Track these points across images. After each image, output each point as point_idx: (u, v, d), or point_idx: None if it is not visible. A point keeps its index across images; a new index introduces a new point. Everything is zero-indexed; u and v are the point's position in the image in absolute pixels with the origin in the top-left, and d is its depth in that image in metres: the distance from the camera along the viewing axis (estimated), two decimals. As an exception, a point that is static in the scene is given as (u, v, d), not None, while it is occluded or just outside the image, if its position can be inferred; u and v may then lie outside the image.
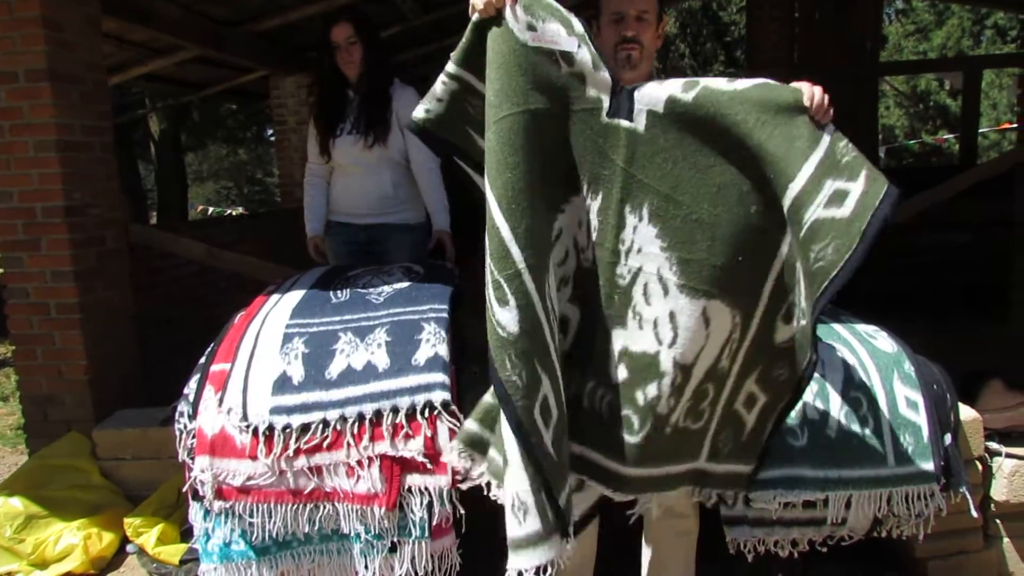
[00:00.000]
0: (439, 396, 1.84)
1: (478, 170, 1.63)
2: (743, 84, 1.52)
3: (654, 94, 1.55)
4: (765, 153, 1.47)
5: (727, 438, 1.72)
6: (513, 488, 1.50)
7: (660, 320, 1.56)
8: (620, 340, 1.60)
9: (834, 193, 1.43)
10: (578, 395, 1.65)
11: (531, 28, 1.56)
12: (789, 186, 1.45)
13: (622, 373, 1.61)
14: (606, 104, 1.57)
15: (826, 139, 1.47)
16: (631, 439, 1.62)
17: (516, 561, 1.48)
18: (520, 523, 1.49)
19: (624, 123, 1.55)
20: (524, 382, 1.46)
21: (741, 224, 1.51)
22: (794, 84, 1.53)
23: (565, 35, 1.57)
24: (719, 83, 1.54)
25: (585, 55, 1.57)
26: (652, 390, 1.58)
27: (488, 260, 1.51)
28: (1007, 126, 12.61)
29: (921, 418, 2.02)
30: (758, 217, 1.51)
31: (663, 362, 1.57)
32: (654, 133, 1.54)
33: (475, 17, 1.60)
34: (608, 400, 1.63)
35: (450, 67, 1.64)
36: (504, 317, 1.47)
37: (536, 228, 1.52)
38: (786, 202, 1.47)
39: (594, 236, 1.61)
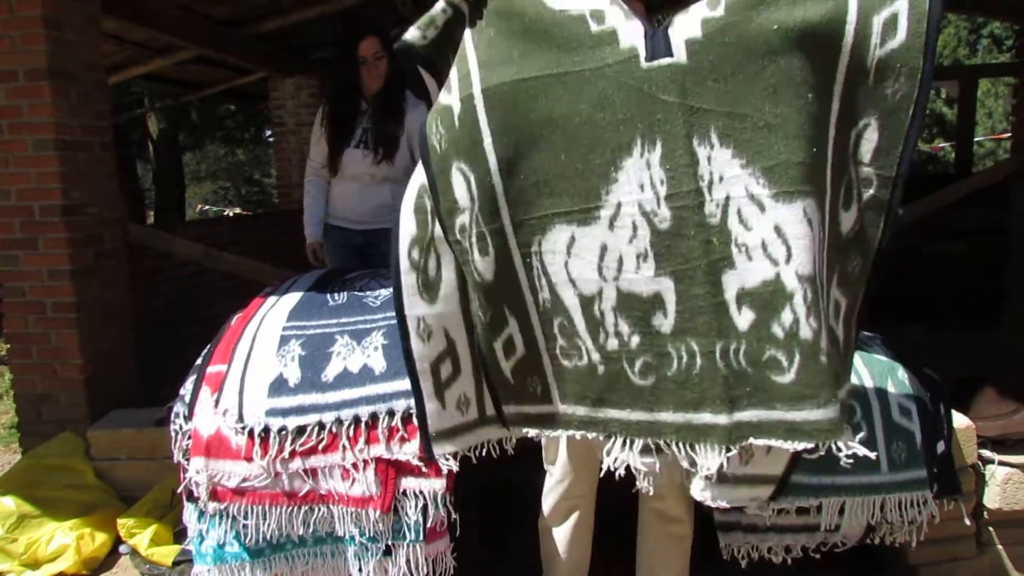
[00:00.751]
0: (435, 399, 1.84)
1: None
2: None
3: (687, 23, 1.50)
4: (807, 27, 1.44)
5: (833, 358, 1.53)
6: (461, 389, 1.74)
7: (768, 240, 1.44)
8: (733, 284, 1.47)
9: (884, 25, 1.44)
10: (706, 364, 1.50)
11: None
12: (841, 44, 1.45)
13: (747, 317, 1.47)
14: (642, 51, 1.50)
15: None
16: (783, 379, 1.46)
17: (448, 446, 1.75)
18: (463, 414, 1.75)
19: (666, 61, 1.48)
20: (486, 320, 1.64)
21: (804, 115, 1.45)
22: None
23: None
24: None
25: (616, 9, 1.52)
26: (787, 316, 1.44)
27: (470, 215, 1.58)
28: (1002, 136, 12.66)
29: (914, 425, 2.03)
30: (815, 104, 1.46)
31: (787, 282, 1.43)
32: (699, 59, 1.47)
33: None
34: (744, 351, 1.48)
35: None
36: (482, 266, 1.60)
37: (532, 194, 1.54)
38: (843, 58, 1.45)
39: (663, 190, 1.48)
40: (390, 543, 1.84)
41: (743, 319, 1.47)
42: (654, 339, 1.53)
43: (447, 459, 1.76)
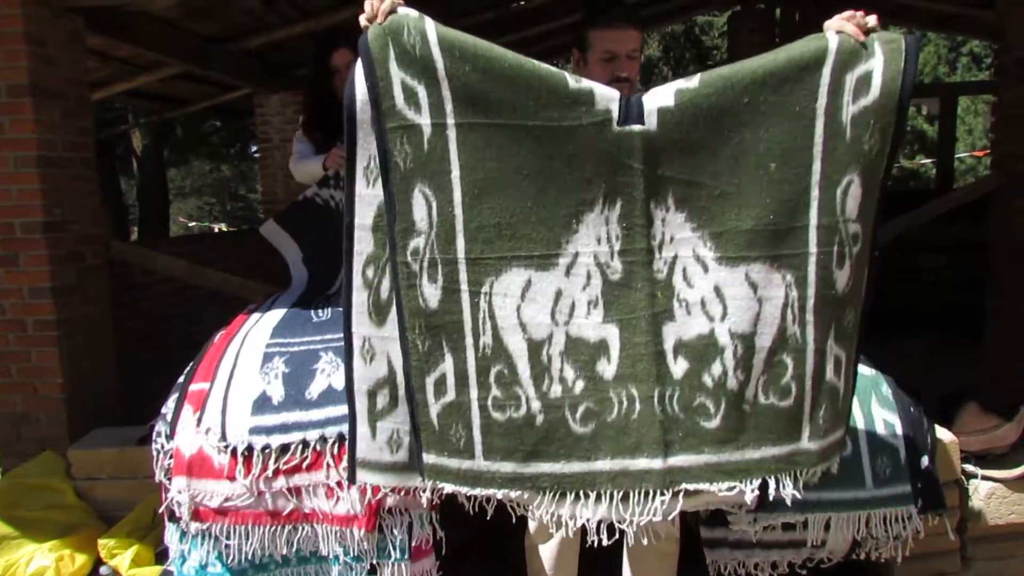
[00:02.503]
0: (420, 416, 1.84)
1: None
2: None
3: (661, 92, 1.57)
4: (779, 99, 1.52)
5: (827, 413, 1.64)
6: (395, 425, 1.70)
7: (707, 298, 1.57)
8: (671, 335, 1.59)
9: (858, 81, 1.51)
10: (645, 409, 1.59)
11: None
12: (815, 107, 1.52)
13: (682, 366, 1.59)
14: (615, 114, 1.56)
15: (834, 39, 1.54)
16: (710, 424, 1.59)
17: (370, 478, 1.71)
18: (392, 453, 1.71)
19: (636, 128, 1.55)
20: (423, 350, 1.61)
21: (763, 185, 1.54)
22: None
23: None
24: (720, 69, 1.59)
25: None
26: (716, 368, 1.57)
27: (426, 239, 1.57)
28: (982, 154, 12.82)
29: (898, 440, 2.04)
30: (778, 171, 1.54)
31: (720, 337, 1.57)
32: (667, 128, 1.55)
33: None
34: (677, 397, 1.59)
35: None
36: (429, 292, 1.60)
37: (492, 233, 1.56)
38: (819, 120, 1.52)
39: (617, 245, 1.59)
40: (375, 562, 1.83)
41: (678, 367, 1.59)
42: (597, 384, 1.60)
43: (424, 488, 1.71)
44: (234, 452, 1.83)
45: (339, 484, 1.81)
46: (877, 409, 2.07)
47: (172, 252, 4.10)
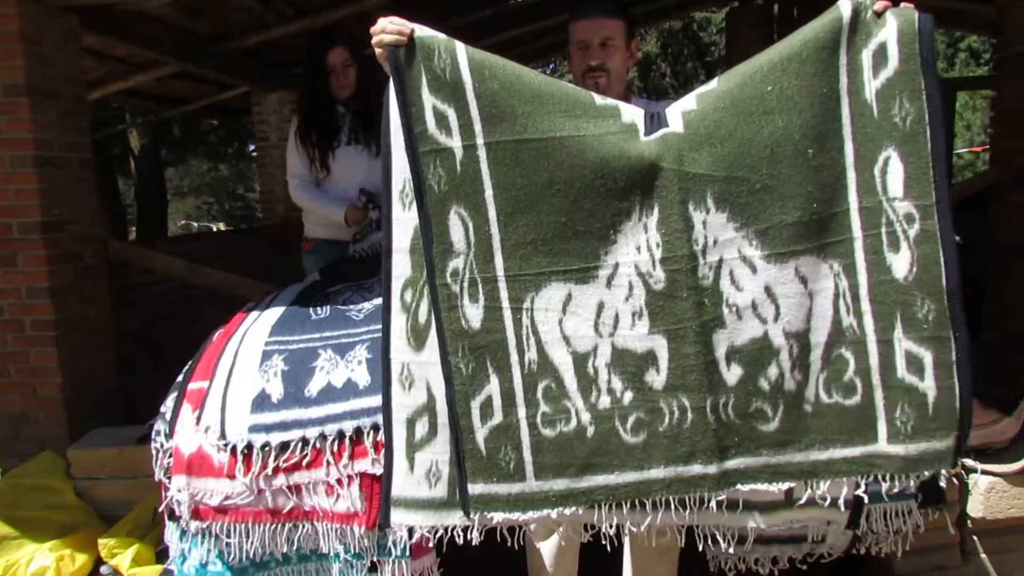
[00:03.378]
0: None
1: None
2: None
3: (682, 101, 1.57)
4: (801, 83, 1.50)
5: (906, 415, 1.53)
6: (434, 456, 1.65)
7: (758, 300, 1.53)
8: (723, 343, 1.55)
9: (874, 56, 1.48)
10: (697, 419, 1.56)
11: None
12: (838, 88, 1.50)
13: (736, 373, 1.55)
14: (641, 127, 1.57)
15: (846, 8, 1.50)
16: (768, 428, 1.55)
17: (405, 518, 1.68)
18: (431, 487, 1.66)
19: (663, 131, 1.56)
20: (467, 373, 1.58)
21: (804, 172, 1.51)
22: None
23: None
24: (736, 67, 1.58)
25: None
26: (773, 371, 1.53)
27: (464, 260, 1.56)
28: (981, 149, 12.83)
29: (898, 435, 2.03)
30: (817, 157, 1.51)
31: (774, 339, 1.53)
32: (695, 127, 1.54)
33: None
34: (732, 405, 1.55)
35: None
36: (471, 312, 1.58)
37: (529, 250, 1.56)
38: (843, 99, 1.50)
39: (659, 253, 1.55)
40: (375, 559, 1.83)
41: (732, 375, 1.54)
42: (647, 395, 1.57)
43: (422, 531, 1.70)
44: (233, 450, 1.83)
45: (339, 481, 1.81)
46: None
47: (170, 251, 4.09)
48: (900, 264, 1.50)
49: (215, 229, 14.99)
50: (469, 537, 1.66)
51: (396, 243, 1.65)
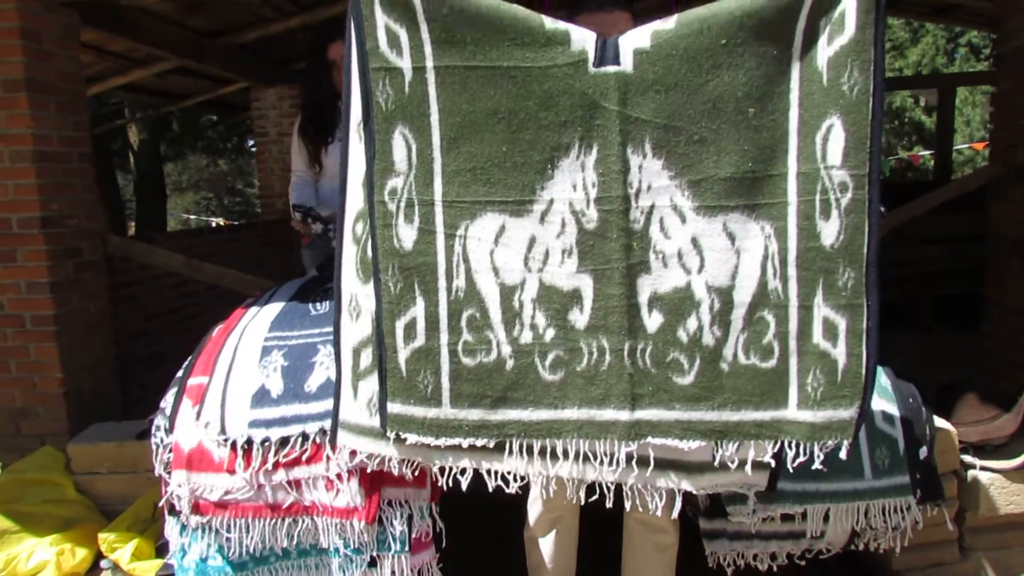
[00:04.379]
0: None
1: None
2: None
3: (638, 34, 1.55)
4: (756, 41, 1.49)
5: (816, 380, 1.55)
6: (376, 386, 1.65)
7: (684, 250, 1.54)
8: (647, 288, 1.56)
9: (832, 24, 1.47)
10: (614, 362, 1.57)
11: None
12: (791, 52, 1.50)
13: (656, 320, 1.56)
14: (591, 55, 1.55)
15: None
16: (683, 381, 1.56)
17: (349, 441, 1.71)
18: (371, 415, 1.67)
19: (612, 68, 1.54)
20: (395, 292, 1.60)
21: (742, 131, 1.51)
22: None
23: None
24: (697, 11, 1.55)
25: None
26: (692, 322, 1.54)
27: (404, 180, 1.58)
28: (981, 146, 12.82)
29: (897, 431, 2.04)
30: (757, 118, 1.51)
31: (696, 290, 1.54)
32: (643, 69, 1.53)
33: None
34: (649, 352, 1.56)
35: None
36: (404, 232, 1.59)
37: (468, 177, 1.57)
38: (795, 64, 1.51)
39: (593, 193, 1.56)
40: (375, 554, 1.83)
41: (652, 321, 1.56)
42: (568, 334, 1.59)
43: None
44: (233, 445, 1.83)
45: (339, 476, 1.81)
46: (876, 400, 2.07)
47: (170, 247, 4.08)
48: (829, 231, 1.51)
49: (214, 224, 14.97)
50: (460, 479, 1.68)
51: (351, 174, 1.67)
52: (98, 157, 5.88)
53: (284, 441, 1.83)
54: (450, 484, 1.70)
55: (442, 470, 1.69)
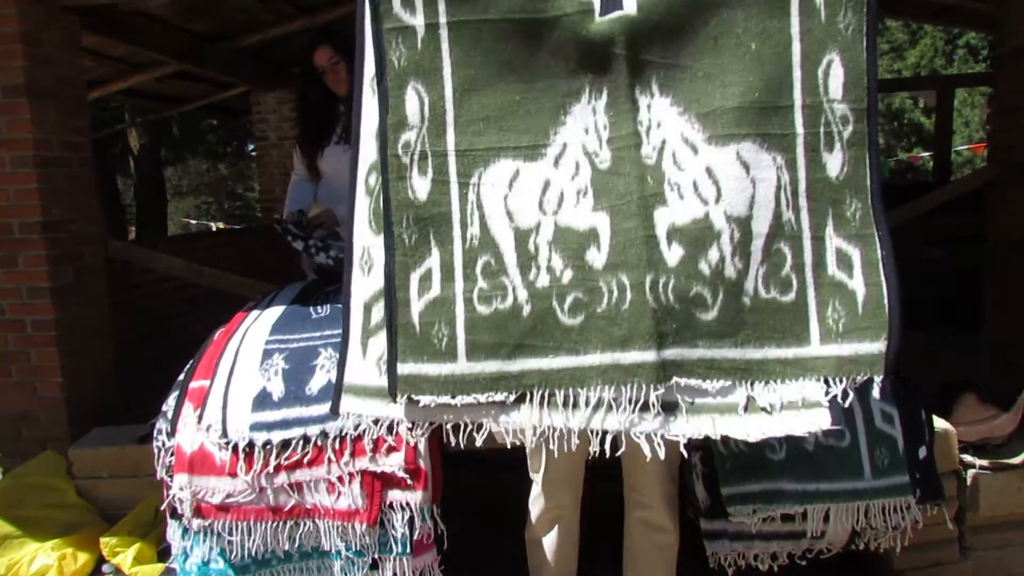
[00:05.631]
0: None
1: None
2: None
3: None
4: None
5: (836, 312, 1.55)
6: (383, 345, 1.62)
7: (699, 180, 1.54)
8: (664, 220, 1.54)
9: None
10: (636, 298, 1.53)
11: None
12: None
13: (676, 253, 1.54)
14: (597, 3, 1.59)
15: None
16: (708, 316, 1.53)
17: (354, 406, 1.69)
18: (380, 374, 1.63)
19: (617, 13, 1.57)
20: (410, 244, 1.60)
21: (745, 63, 1.54)
22: None
23: None
24: None
25: None
26: (713, 254, 1.53)
27: (417, 133, 1.59)
28: (980, 148, 12.82)
29: (897, 431, 2.04)
30: (761, 50, 1.54)
31: (715, 220, 1.53)
32: (647, 12, 1.56)
33: None
34: (672, 286, 1.53)
35: None
36: (418, 184, 1.60)
37: (481, 126, 1.59)
38: (794, 3, 1.54)
39: (605, 134, 1.58)
40: (376, 557, 1.84)
41: (672, 254, 1.54)
42: (586, 274, 1.57)
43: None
44: (235, 448, 1.84)
45: (340, 479, 1.82)
46: (875, 400, 2.07)
47: (170, 251, 4.10)
48: (833, 163, 1.55)
49: (214, 228, 14.98)
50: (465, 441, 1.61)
51: (364, 127, 1.68)
52: (98, 161, 5.89)
53: (285, 444, 1.83)
54: (454, 483, 1.70)
55: (456, 429, 1.61)
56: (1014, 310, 3.44)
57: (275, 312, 2.19)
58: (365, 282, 1.68)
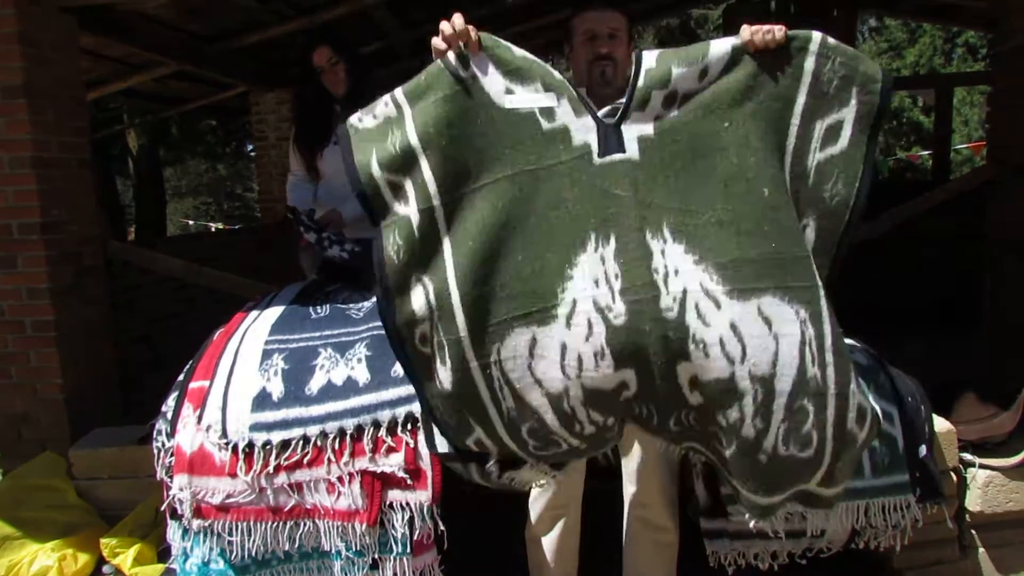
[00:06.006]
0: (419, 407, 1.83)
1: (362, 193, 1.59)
2: (718, 81, 1.54)
3: (640, 120, 1.54)
4: (757, 127, 1.50)
5: (845, 465, 1.57)
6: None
7: (725, 337, 1.44)
8: (685, 373, 1.49)
9: (828, 130, 1.48)
10: (664, 425, 1.59)
11: (509, 92, 1.54)
12: (787, 144, 1.50)
13: (696, 399, 1.52)
14: (595, 146, 1.53)
15: (809, 66, 1.50)
16: (724, 452, 1.54)
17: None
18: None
19: (618, 156, 1.52)
20: (453, 424, 1.64)
21: (759, 211, 1.47)
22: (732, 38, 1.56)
23: (543, 91, 1.55)
24: (699, 96, 1.54)
25: (566, 106, 1.55)
26: (733, 413, 1.47)
27: (430, 324, 1.57)
28: (980, 146, 12.82)
29: (896, 430, 2.05)
30: (773, 197, 1.48)
31: (740, 381, 1.45)
32: (650, 156, 1.51)
33: (442, 64, 1.56)
34: (693, 416, 1.55)
35: (399, 96, 1.58)
36: (443, 375, 1.58)
37: (488, 300, 1.53)
38: (787, 160, 1.50)
39: (617, 284, 1.48)
40: (377, 557, 1.83)
41: (694, 398, 1.52)
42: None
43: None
44: (235, 449, 1.83)
45: (340, 479, 1.81)
46: (875, 399, 2.07)
47: (170, 251, 4.09)
48: None
49: (214, 229, 14.97)
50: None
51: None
52: (97, 162, 5.89)
53: (285, 444, 1.83)
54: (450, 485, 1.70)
55: None
56: (1014, 309, 3.44)
57: (275, 312, 2.18)
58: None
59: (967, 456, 2.30)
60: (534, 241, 1.52)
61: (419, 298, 1.56)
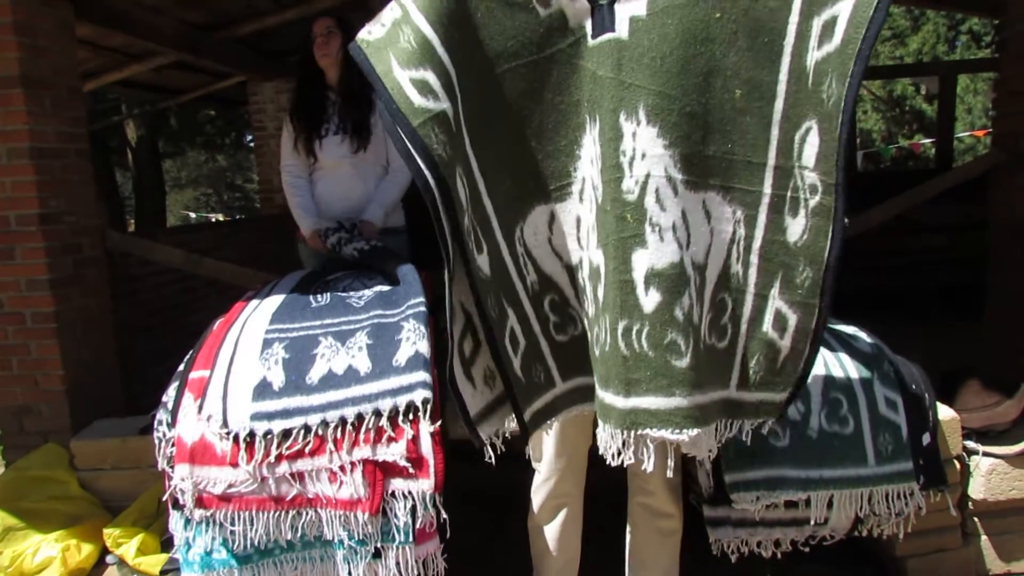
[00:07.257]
0: (420, 395, 1.82)
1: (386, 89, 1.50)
2: None
3: (634, 1, 1.53)
4: (750, 20, 1.48)
5: (759, 365, 1.60)
6: (485, 363, 1.67)
7: (676, 223, 1.50)
8: (643, 262, 1.49)
9: (823, 27, 1.44)
10: (611, 342, 1.53)
11: None
12: (783, 44, 1.48)
13: (653, 299, 1.49)
14: (589, 28, 1.55)
15: None
16: (680, 363, 1.50)
17: (489, 427, 1.69)
18: (491, 389, 1.70)
19: (608, 36, 1.53)
20: (495, 316, 1.61)
21: (726, 111, 1.50)
22: None
23: None
24: None
25: None
26: (685, 300, 1.50)
27: (468, 215, 1.54)
28: (982, 134, 12.78)
29: (900, 417, 2.04)
30: (742, 100, 1.50)
31: (687, 267, 1.50)
32: (639, 37, 1.51)
33: None
34: (646, 333, 1.50)
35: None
36: (481, 262, 1.58)
37: (509, 184, 1.59)
38: (785, 58, 1.48)
39: (599, 164, 1.54)
40: (379, 545, 1.83)
41: (649, 300, 1.50)
42: (598, 311, 1.61)
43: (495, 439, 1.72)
44: (236, 438, 1.83)
45: (342, 468, 1.81)
46: (879, 386, 2.07)
47: (170, 242, 4.08)
48: (794, 229, 1.51)
49: (213, 220, 14.96)
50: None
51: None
52: (96, 154, 5.87)
53: (286, 433, 1.82)
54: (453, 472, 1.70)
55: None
56: (1017, 296, 3.43)
57: (275, 301, 2.17)
58: (455, 327, 1.62)
59: (971, 444, 2.30)
60: (545, 127, 1.59)
61: (462, 191, 1.56)
